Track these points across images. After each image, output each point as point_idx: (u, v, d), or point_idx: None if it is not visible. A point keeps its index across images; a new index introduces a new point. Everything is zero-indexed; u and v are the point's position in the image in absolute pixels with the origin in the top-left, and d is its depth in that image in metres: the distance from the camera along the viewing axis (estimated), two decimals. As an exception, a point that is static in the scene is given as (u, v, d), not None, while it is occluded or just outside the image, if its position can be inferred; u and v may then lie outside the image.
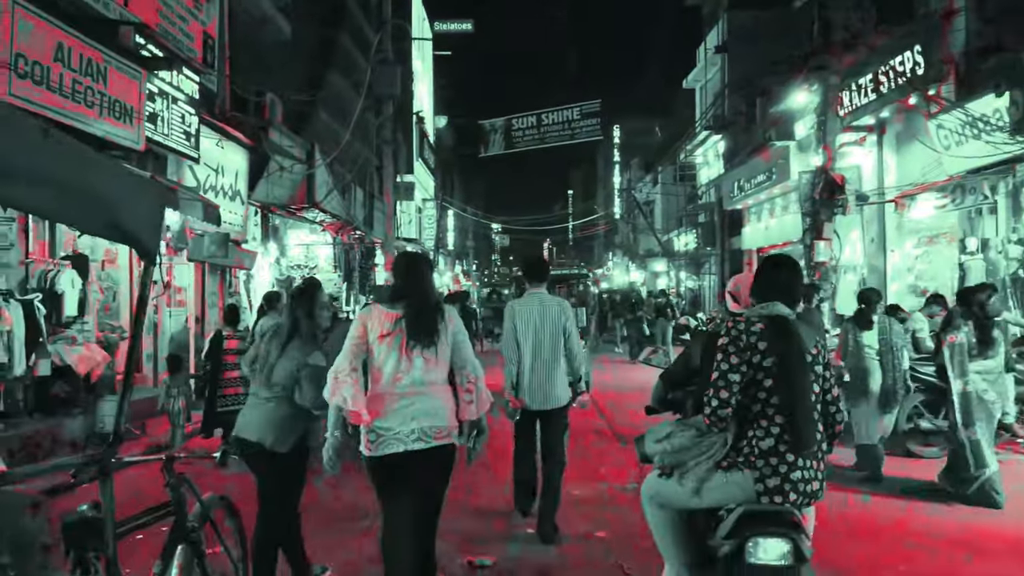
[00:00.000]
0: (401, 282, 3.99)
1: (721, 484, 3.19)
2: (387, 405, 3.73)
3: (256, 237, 15.88)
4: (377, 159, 22.00)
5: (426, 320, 3.80)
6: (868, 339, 7.35)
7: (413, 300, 3.85)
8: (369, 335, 3.83)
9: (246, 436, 4.22)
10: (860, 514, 6.12)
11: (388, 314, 3.83)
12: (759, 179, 21.46)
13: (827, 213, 12.80)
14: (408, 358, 3.74)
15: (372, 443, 3.72)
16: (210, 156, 12.56)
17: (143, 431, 9.21)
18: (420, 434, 3.68)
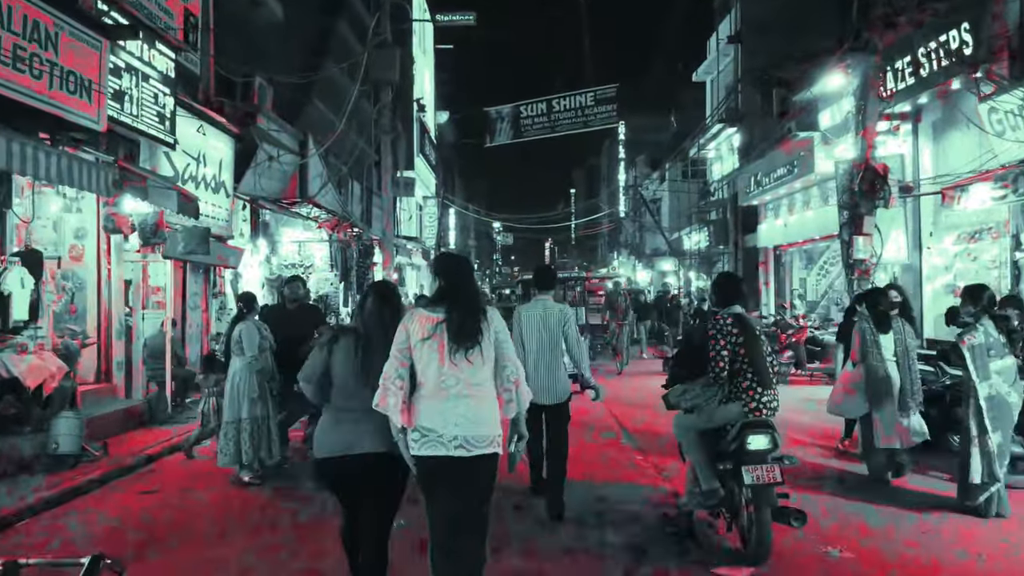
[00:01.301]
0: (444, 284, 3.94)
1: (723, 412, 5.26)
2: (431, 407, 3.72)
3: (244, 233, 14.78)
4: (375, 152, 20.84)
5: (469, 323, 3.76)
6: (886, 341, 7.19)
7: (455, 303, 3.81)
8: (412, 339, 3.77)
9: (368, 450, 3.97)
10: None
11: (429, 317, 3.79)
12: (779, 173, 20.33)
13: (868, 206, 11.67)
14: (450, 361, 3.72)
15: (416, 442, 3.72)
16: (190, 143, 11.45)
17: (105, 451, 8.08)
18: (462, 441, 3.66)
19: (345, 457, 3.98)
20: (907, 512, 6.14)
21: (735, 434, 5.11)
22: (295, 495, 6.81)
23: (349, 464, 3.98)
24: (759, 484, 4.88)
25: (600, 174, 71.48)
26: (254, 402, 7.17)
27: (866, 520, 5.94)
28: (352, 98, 14.42)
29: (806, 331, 14.43)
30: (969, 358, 5.97)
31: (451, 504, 3.70)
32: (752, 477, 4.88)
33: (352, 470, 4.00)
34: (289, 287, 8.17)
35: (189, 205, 9.66)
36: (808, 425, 9.79)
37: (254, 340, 7.08)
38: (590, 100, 25.91)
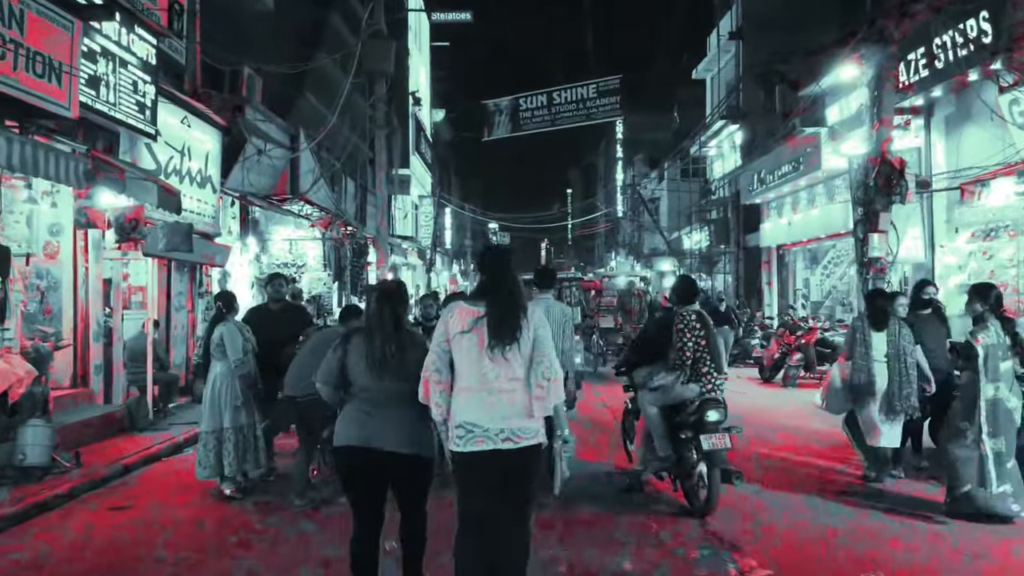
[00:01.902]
0: (485, 278, 3.91)
1: (685, 391, 6.23)
2: (473, 400, 3.71)
3: (233, 230, 14.23)
4: (369, 148, 20.28)
5: (508, 319, 3.74)
6: (878, 341, 6.99)
7: (496, 298, 3.79)
8: (451, 332, 3.77)
9: (389, 449, 3.98)
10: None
11: (470, 311, 3.79)
12: (783, 170, 19.86)
13: (883, 202, 11.15)
14: (491, 357, 3.71)
15: (461, 439, 3.69)
16: (174, 135, 10.90)
17: (77, 462, 7.53)
18: (509, 433, 3.66)
19: (363, 449, 3.99)
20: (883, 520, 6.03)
21: (695, 409, 6.15)
22: (279, 511, 6.29)
23: (367, 457, 3.99)
24: (713, 449, 5.94)
25: (597, 174, 70.99)
26: (237, 410, 6.64)
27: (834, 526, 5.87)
28: (345, 90, 13.87)
29: (816, 332, 13.92)
30: (982, 357, 5.83)
31: (491, 498, 3.70)
32: (709, 443, 5.94)
33: (369, 464, 4.00)
34: (271, 285, 7.63)
35: (171, 199, 9.10)
36: (812, 431, 9.27)
37: (237, 342, 6.56)
38: (592, 92, 24.88)
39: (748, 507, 6.34)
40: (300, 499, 6.36)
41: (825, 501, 6.59)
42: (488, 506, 3.71)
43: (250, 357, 6.69)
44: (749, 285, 25.23)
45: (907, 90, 12.33)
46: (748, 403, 12.07)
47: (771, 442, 8.91)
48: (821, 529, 5.84)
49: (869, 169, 11.28)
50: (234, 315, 6.82)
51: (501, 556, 3.72)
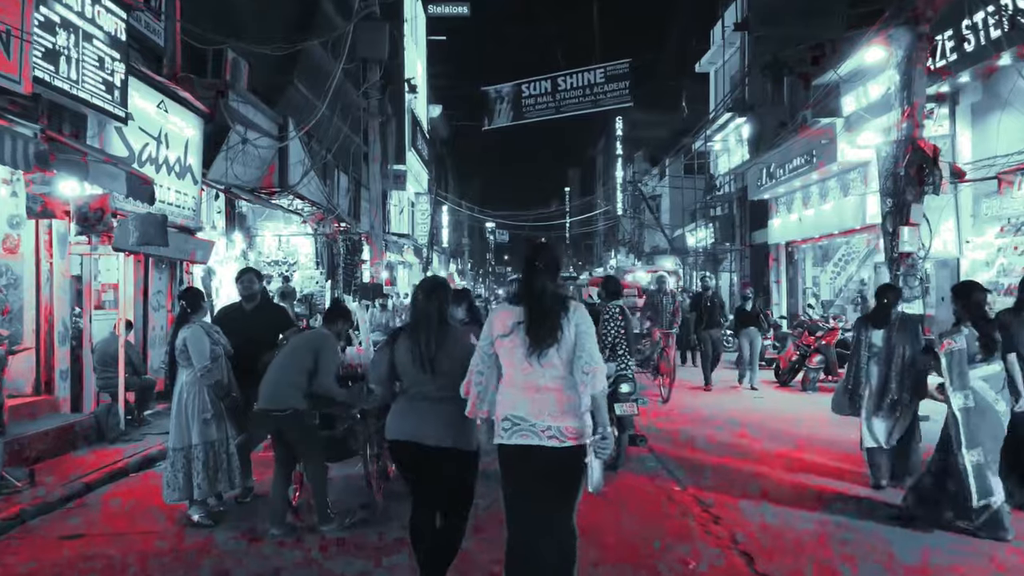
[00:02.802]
0: (521, 280, 3.92)
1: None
2: (521, 396, 3.73)
3: (218, 225, 13.40)
4: (363, 141, 19.42)
5: (545, 324, 3.71)
6: (876, 338, 6.74)
7: (533, 302, 3.78)
8: (494, 335, 3.83)
9: (433, 444, 4.13)
10: None
11: (509, 314, 3.82)
12: (795, 164, 19.07)
13: (915, 192, 10.36)
14: (532, 359, 3.71)
15: (506, 431, 3.73)
16: (150, 121, 10.07)
17: (31, 480, 6.70)
18: (555, 432, 3.66)
19: (411, 443, 4.16)
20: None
21: (611, 383, 6.98)
22: (256, 543, 5.46)
23: (416, 451, 4.16)
24: (624, 415, 7.28)
25: (596, 171, 70.22)
26: (207, 423, 5.83)
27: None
28: (336, 75, 13.03)
29: (837, 333, 13.10)
30: (945, 364, 5.55)
31: (536, 498, 3.71)
32: (621, 410, 7.22)
33: (418, 457, 4.18)
34: (241, 282, 6.76)
35: (143, 188, 8.29)
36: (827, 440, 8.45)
37: (203, 347, 5.73)
38: (599, 77, 23.58)
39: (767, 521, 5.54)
40: (278, 528, 5.54)
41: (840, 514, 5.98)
42: (530, 500, 3.73)
43: (221, 363, 5.87)
44: (756, 283, 24.46)
45: (943, 74, 11.52)
46: (767, 408, 11.28)
47: (795, 451, 8.12)
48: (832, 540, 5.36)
49: (900, 157, 10.50)
50: (202, 315, 5.99)
51: (547, 552, 3.72)
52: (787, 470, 7.43)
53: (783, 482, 6.97)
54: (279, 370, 5.57)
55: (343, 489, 6.61)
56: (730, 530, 5.57)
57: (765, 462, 7.74)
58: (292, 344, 5.83)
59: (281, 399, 5.48)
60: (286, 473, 5.73)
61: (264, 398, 5.56)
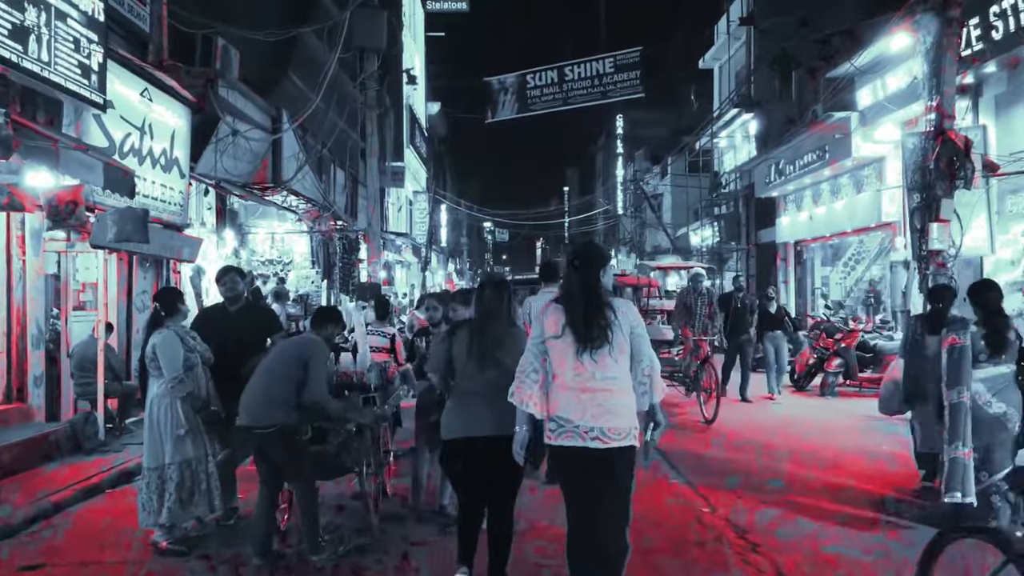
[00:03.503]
0: (566, 280, 3.92)
1: None
2: (568, 397, 3.74)
3: (208, 222, 12.79)
4: (360, 136, 18.79)
5: (594, 324, 3.72)
6: (932, 343, 6.29)
7: (581, 302, 3.78)
8: (546, 335, 3.83)
9: (486, 434, 4.25)
10: None
11: (560, 314, 3.81)
12: (806, 160, 18.49)
13: (945, 187, 9.74)
14: (583, 359, 3.72)
15: (553, 432, 3.76)
16: (132, 110, 9.45)
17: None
18: (598, 433, 3.67)
19: (466, 439, 4.31)
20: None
21: None
22: (238, 569, 4.86)
23: (471, 447, 4.30)
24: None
25: (595, 171, 69.64)
26: (180, 440, 5.21)
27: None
28: (332, 63, 12.40)
29: (857, 335, 12.50)
30: (945, 360, 5.43)
31: (587, 494, 3.74)
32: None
33: (473, 453, 4.30)
34: (223, 283, 6.14)
35: (122, 181, 7.68)
36: (861, 451, 7.86)
37: (176, 355, 5.12)
38: (609, 67, 22.26)
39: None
40: (261, 556, 4.93)
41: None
42: (582, 494, 3.77)
43: (196, 373, 5.25)
44: (762, 283, 23.89)
45: (975, 63, 10.94)
46: (785, 415, 10.68)
47: (831, 465, 7.52)
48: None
49: (928, 149, 9.89)
50: (179, 319, 5.37)
51: (602, 544, 3.75)
52: (825, 486, 6.81)
53: (822, 500, 6.35)
54: (262, 381, 4.94)
55: (336, 510, 6.01)
56: (772, 560, 4.97)
57: (798, 479, 7.12)
58: (276, 351, 5.21)
59: (264, 414, 4.86)
60: (272, 494, 5.11)
61: (245, 413, 4.93)
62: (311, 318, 5.47)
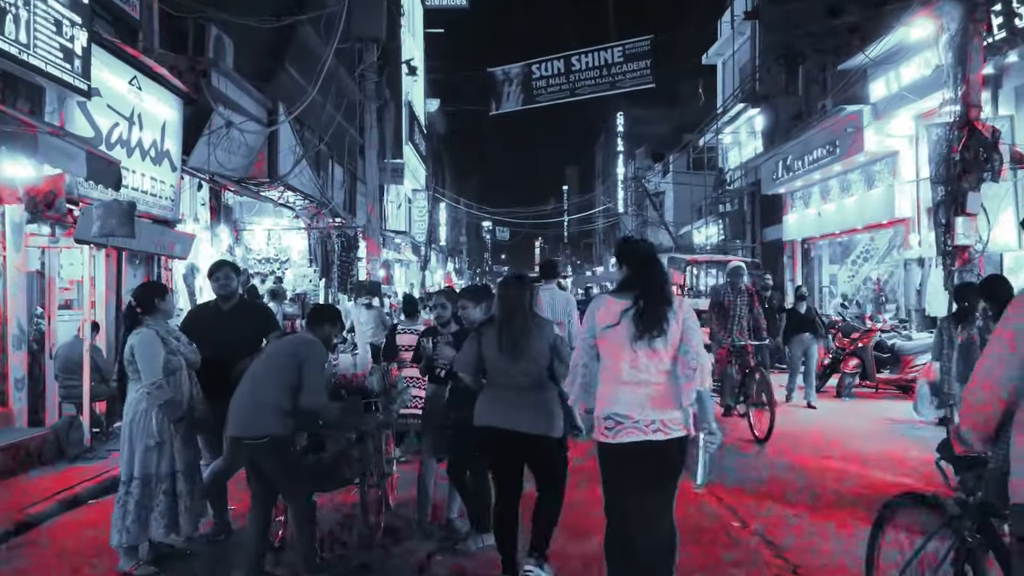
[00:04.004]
0: (630, 270, 3.91)
1: None
2: (622, 392, 3.72)
3: (201, 218, 12.35)
4: (358, 132, 18.33)
5: (655, 312, 3.73)
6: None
7: (643, 290, 3.79)
8: (598, 326, 3.81)
9: (525, 431, 4.38)
10: None
11: (617, 303, 3.80)
12: (815, 155, 18.05)
13: (972, 180, 9.35)
14: (638, 349, 3.70)
15: (609, 430, 3.72)
16: (120, 99, 9.00)
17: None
18: (659, 424, 3.68)
19: (499, 430, 4.41)
20: None
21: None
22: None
23: (503, 437, 4.41)
24: None
25: (595, 169, 69.23)
26: (148, 453, 4.71)
27: None
28: (330, 53, 11.94)
29: (874, 334, 12.06)
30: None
31: (643, 489, 3.73)
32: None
33: (505, 443, 4.42)
34: (216, 279, 5.66)
35: (106, 171, 7.21)
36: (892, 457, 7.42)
37: (155, 357, 4.65)
38: (618, 56, 21.44)
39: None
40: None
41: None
42: (635, 496, 3.75)
43: (180, 378, 4.79)
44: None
45: (1003, 50, 10.53)
46: (806, 419, 10.23)
47: (854, 472, 7.08)
48: None
49: (954, 140, 9.48)
50: (161, 318, 4.89)
51: (649, 547, 3.75)
52: (858, 496, 6.35)
53: (857, 513, 5.86)
54: (252, 387, 4.48)
55: (335, 525, 5.56)
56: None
57: (828, 490, 6.67)
58: (268, 353, 4.74)
59: (255, 424, 4.41)
60: (264, 509, 4.65)
61: (234, 423, 4.47)
62: (307, 317, 5.02)
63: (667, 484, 3.78)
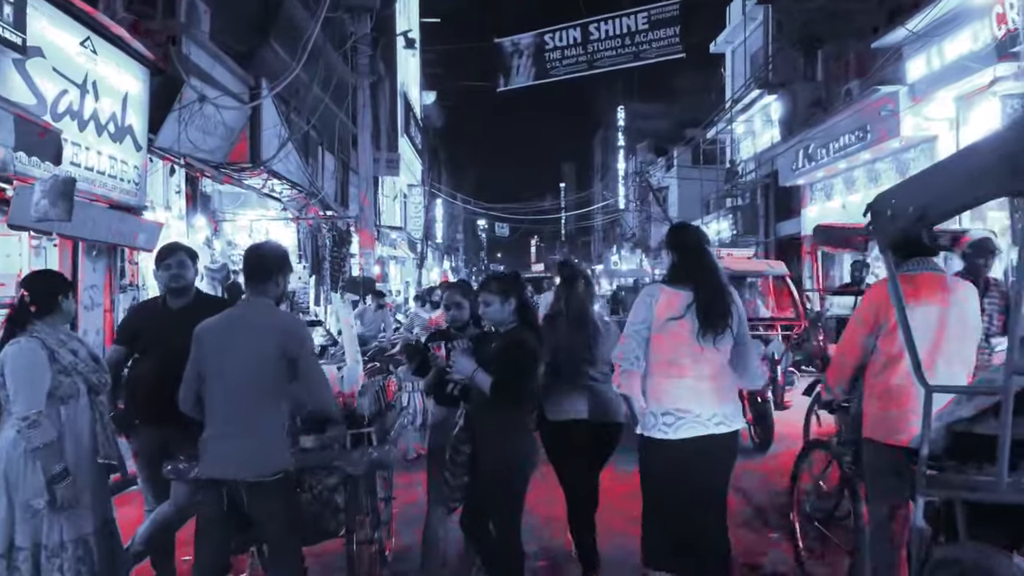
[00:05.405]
0: (686, 260, 3.75)
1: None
2: (683, 387, 3.63)
3: (175, 207, 11.09)
4: (349, 117, 17.04)
5: (719, 304, 3.64)
6: None
7: (705, 282, 3.66)
8: (655, 318, 3.66)
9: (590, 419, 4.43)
10: None
11: (677, 295, 3.66)
12: (842, 142, 16.82)
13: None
14: (705, 345, 3.61)
15: (669, 426, 3.61)
16: (69, 62, 7.69)
17: None
18: (722, 417, 3.64)
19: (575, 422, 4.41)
20: None
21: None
22: None
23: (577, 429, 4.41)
24: None
25: (593, 165, 68.06)
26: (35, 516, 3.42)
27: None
28: (317, 26, 10.64)
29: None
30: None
31: (698, 483, 3.65)
32: None
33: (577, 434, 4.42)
34: (165, 266, 4.38)
35: (41, 142, 5.96)
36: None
37: (35, 379, 3.37)
38: (642, 23, 19.38)
39: None
40: None
41: None
42: (693, 492, 3.64)
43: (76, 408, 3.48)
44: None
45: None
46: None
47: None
48: None
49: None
50: (60, 321, 3.58)
51: (704, 543, 3.69)
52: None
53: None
54: (247, 413, 3.24)
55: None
56: None
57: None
58: (239, 359, 3.43)
59: (267, 459, 3.22)
60: (219, 565, 3.38)
61: (227, 460, 3.25)
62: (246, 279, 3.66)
63: (724, 477, 3.76)
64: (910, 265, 3.53)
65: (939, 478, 2.91)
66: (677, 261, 3.75)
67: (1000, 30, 10.20)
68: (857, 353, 3.57)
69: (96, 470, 3.54)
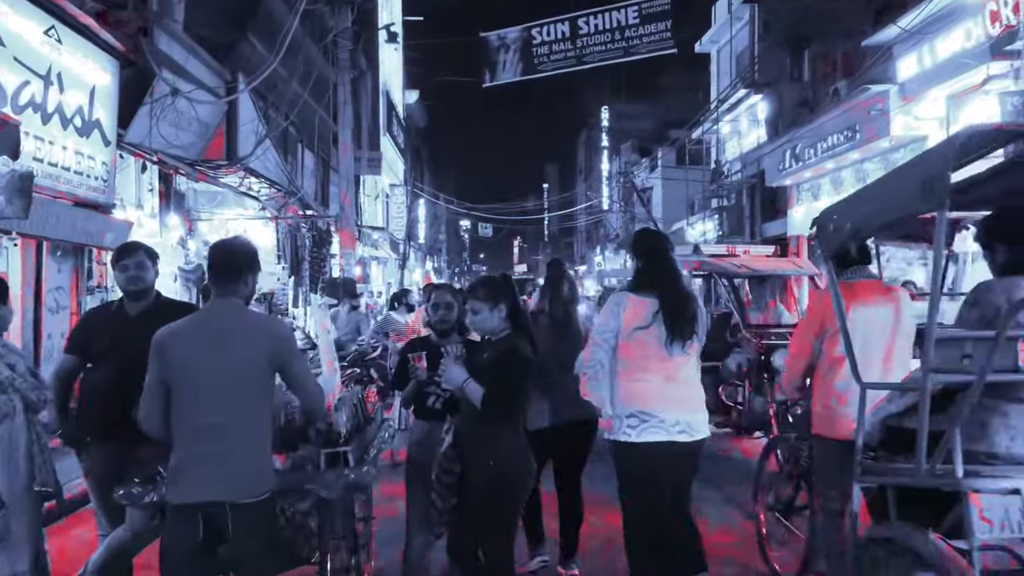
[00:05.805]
0: (651, 266, 3.80)
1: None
2: (651, 392, 3.68)
3: (147, 205, 10.70)
4: (330, 114, 16.66)
5: (685, 311, 3.71)
6: None
7: (668, 289, 3.72)
8: (625, 328, 3.69)
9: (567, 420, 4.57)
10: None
11: (644, 303, 3.70)
12: (831, 142, 16.62)
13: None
14: (673, 352, 3.68)
15: (633, 428, 3.66)
16: (30, 52, 7.30)
17: None
18: (684, 426, 3.67)
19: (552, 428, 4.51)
20: None
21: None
22: None
23: (555, 432, 4.53)
24: None
25: (576, 166, 67.88)
26: None
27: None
28: (296, 18, 10.28)
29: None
30: None
31: (666, 492, 3.69)
32: None
33: (556, 437, 4.53)
34: (123, 267, 4.03)
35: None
36: None
37: None
38: (632, 17, 19.05)
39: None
40: None
41: None
42: (660, 493, 3.68)
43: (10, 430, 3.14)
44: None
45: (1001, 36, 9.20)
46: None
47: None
48: None
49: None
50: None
51: (678, 543, 3.75)
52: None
53: None
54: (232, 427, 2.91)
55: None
56: None
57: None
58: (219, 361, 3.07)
59: (255, 477, 2.90)
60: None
61: (209, 484, 2.90)
62: (213, 277, 3.28)
63: (686, 486, 3.82)
64: (849, 273, 3.90)
65: (872, 466, 3.18)
66: (642, 267, 3.82)
67: (994, 28, 10.02)
68: (807, 355, 3.93)
69: (32, 498, 3.18)
